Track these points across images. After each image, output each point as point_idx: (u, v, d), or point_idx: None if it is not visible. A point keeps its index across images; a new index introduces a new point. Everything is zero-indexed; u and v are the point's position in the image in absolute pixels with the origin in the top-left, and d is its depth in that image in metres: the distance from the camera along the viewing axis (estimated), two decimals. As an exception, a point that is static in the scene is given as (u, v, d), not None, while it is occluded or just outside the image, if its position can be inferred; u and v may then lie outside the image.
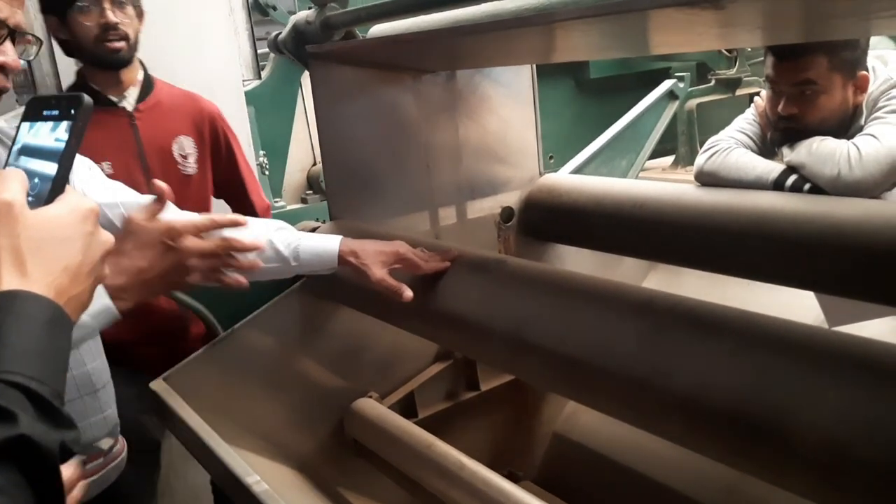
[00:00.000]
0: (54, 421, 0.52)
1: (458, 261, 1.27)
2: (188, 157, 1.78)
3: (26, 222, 0.58)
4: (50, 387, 0.53)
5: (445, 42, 1.44)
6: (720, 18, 0.95)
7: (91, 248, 0.62)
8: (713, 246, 1.48)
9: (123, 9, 1.65)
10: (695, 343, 0.86)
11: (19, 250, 0.57)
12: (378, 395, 1.66)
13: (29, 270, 0.57)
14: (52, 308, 0.57)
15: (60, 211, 0.61)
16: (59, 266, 0.59)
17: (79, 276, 0.61)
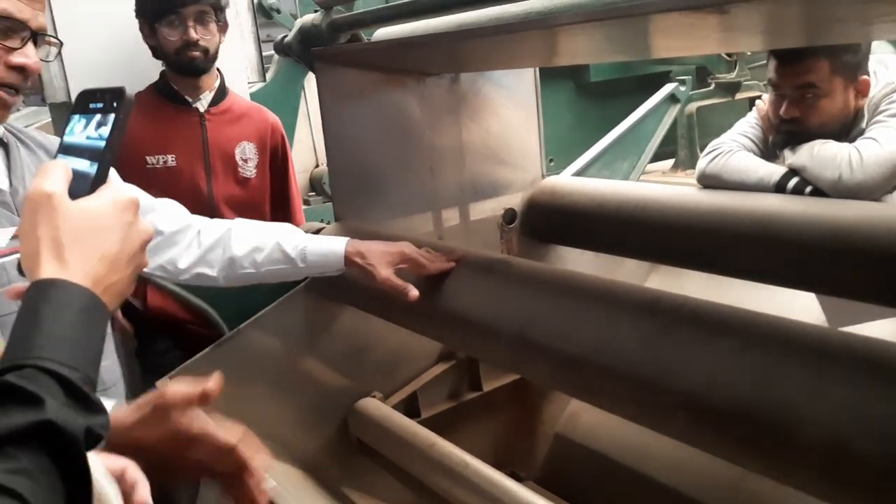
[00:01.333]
0: (84, 406, 0.53)
1: (462, 261, 1.28)
2: (248, 162, 1.89)
3: (66, 213, 0.60)
4: (82, 373, 0.54)
5: (449, 45, 1.45)
6: (723, 23, 0.97)
7: (130, 238, 0.63)
8: (715, 248, 1.49)
9: (206, 25, 1.77)
10: (699, 342, 0.87)
11: (58, 240, 0.59)
12: (381, 395, 1.67)
13: (67, 259, 0.59)
14: (88, 296, 0.58)
15: (100, 202, 0.63)
16: (97, 255, 0.60)
17: (117, 265, 0.62)
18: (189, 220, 1.27)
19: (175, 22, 1.72)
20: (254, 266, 1.27)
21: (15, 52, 1.03)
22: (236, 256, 1.26)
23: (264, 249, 1.27)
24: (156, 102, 1.82)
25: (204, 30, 1.75)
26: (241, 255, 1.26)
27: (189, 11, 1.71)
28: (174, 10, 1.71)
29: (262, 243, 1.27)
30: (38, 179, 0.62)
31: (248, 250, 1.26)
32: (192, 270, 1.26)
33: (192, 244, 1.25)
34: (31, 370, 0.52)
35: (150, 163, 1.78)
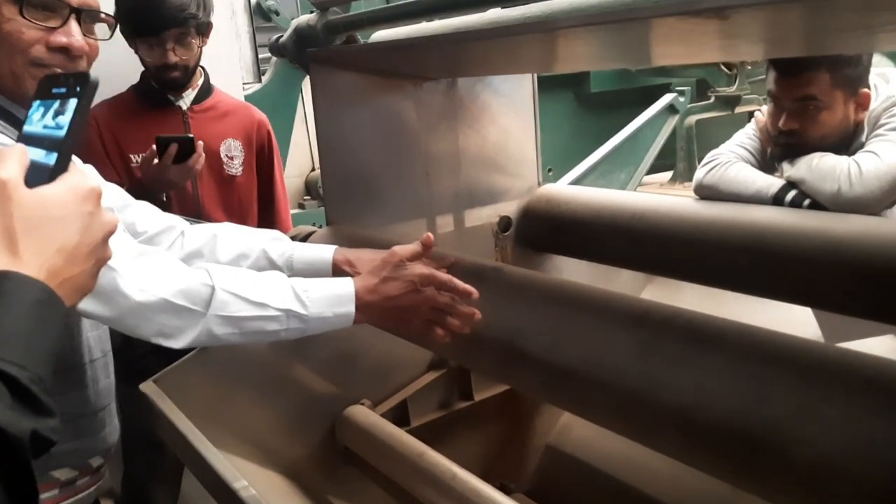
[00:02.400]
0: (32, 408, 0.50)
1: (453, 268, 1.26)
2: (234, 160, 1.86)
3: (20, 201, 0.57)
4: (30, 371, 0.51)
5: (447, 49, 1.43)
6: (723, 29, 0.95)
7: (91, 229, 0.60)
8: (711, 260, 1.47)
9: (187, 45, 1.72)
10: (691, 355, 0.85)
11: (11, 230, 0.56)
12: (370, 403, 1.64)
13: (21, 251, 0.56)
14: (41, 290, 0.55)
15: (59, 190, 0.60)
16: (54, 247, 0.57)
17: (76, 258, 0.59)
18: (171, 221, 1.24)
19: (154, 44, 1.69)
20: None
21: (56, 32, 0.98)
22: (221, 263, 1.22)
23: (250, 256, 1.24)
24: (138, 101, 1.79)
25: (184, 50, 1.72)
26: (225, 261, 1.22)
27: (169, 35, 1.67)
28: (153, 33, 1.67)
29: (248, 250, 1.24)
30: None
31: (233, 257, 1.23)
32: None
33: (174, 246, 1.22)
34: None
35: (135, 161, 1.76)
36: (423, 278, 1.08)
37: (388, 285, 1.07)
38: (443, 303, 1.06)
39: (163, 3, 1.62)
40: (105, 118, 1.75)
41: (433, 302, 1.06)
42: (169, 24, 1.64)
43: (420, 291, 1.06)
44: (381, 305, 1.07)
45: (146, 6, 1.62)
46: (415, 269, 1.14)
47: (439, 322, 1.07)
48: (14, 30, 0.97)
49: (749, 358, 0.80)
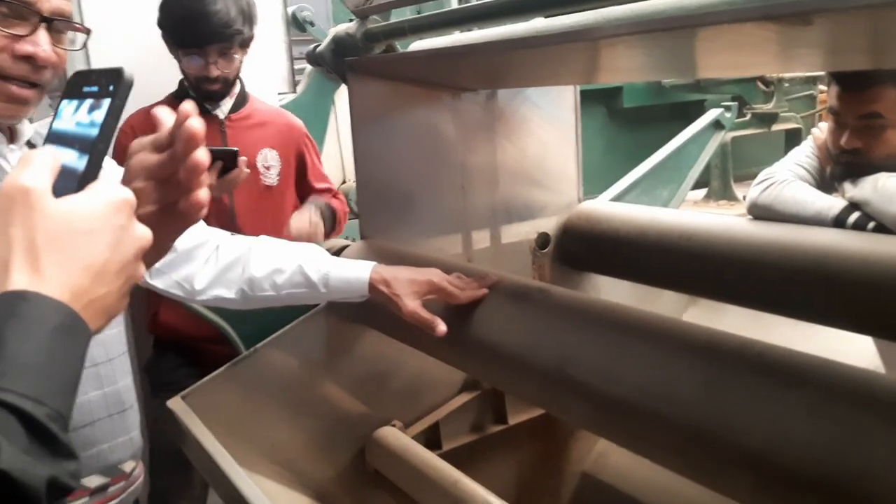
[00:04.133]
0: (50, 450, 0.44)
1: (495, 287, 1.20)
2: (270, 169, 1.83)
3: (45, 212, 0.51)
4: (48, 407, 0.45)
5: (487, 58, 1.38)
6: (790, 37, 0.88)
7: (122, 244, 0.54)
8: (764, 283, 1.40)
9: (230, 58, 1.70)
10: (766, 392, 0.78)
11: (34, 244, 0.50)
12: (401, 425, 1.58)
13: (43, 268, 0.49)
14: (64, 313, 0.49)
15: (88, 200, 0.54)
16: (80, 264, 0.51)
17: (103, 276, 0.53)
18: (207, 235, 1.20)
19: (196, 56, 1.66)
20: (273, 288, 1.19)
21: (22, 40, 0.92)
22: (255, 277, 1.18)
23: (285, 272, 1.19)
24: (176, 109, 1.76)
25: (226, 63, 1.69)
26: (260, 276, 1.18)
27: (213, 48, 1.65)
28: (198, 45, 1.64)
29: (284, 265, 1.19)
30: (17, 170, 0.53)
31: (268, 271, 1.18)
32: (209, 292, 1.18)
33: (209, 260, 1.18)
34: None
35: None
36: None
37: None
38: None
39: (210, 18, 1.59)
40: (142, 126, 1.72)
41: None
42: (214, 39, 1.62)
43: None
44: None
45: (193, 19, 1.60)
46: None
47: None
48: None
49: (834, 397, 0.73)
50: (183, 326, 1.72)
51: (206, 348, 1.71)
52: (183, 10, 1.60)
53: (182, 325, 1.71)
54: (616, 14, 1.21)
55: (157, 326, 1.76)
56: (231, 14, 1.61)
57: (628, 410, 0.89)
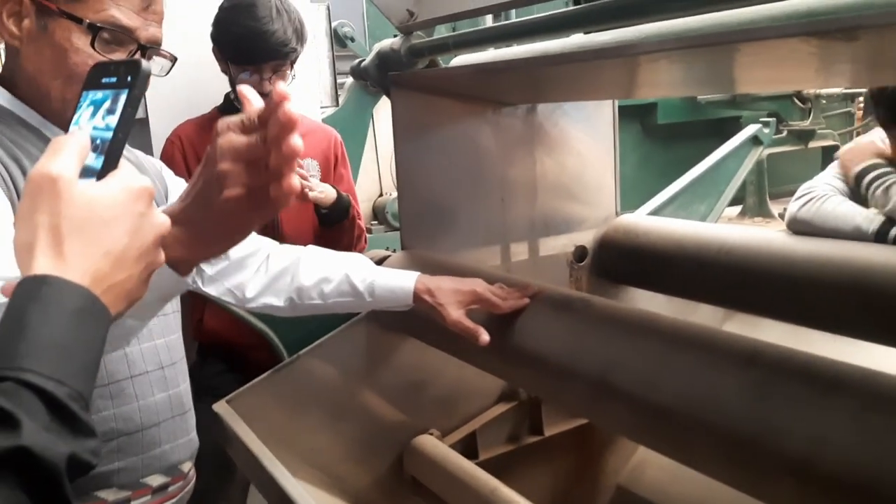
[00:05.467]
0: (70, 428, 0.46)
1: (537, 297, 1.22)
2: (311, 179, 1.83)
3: (70, 200, 0.53)
4: (69, 387, 0.47)
5: (528, 73, 1.41)
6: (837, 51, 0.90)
7: (141, 231, 0.56)
8: (804, 298, 1.40)
9: (282, 75, 1.72)
10: (811, 401, 0.79)
11: (58, 230, 0.52)
12: (439, 433, 1.60)
13: (65, 253, 0.52)
14: (84, 297, 0.51)
15: (109, 188, 0.55)
16: (101, 250, 0.53)
17: (123, 262, 0.55)
18: (258, 244, 1.24)
19: (251, 72, 1.69)
20: (321, 297, 1.22)
21: None
22: (304, 286, 1.22)
23: (332, 281, 1.22)
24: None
25: (278, 78, 1.72)
26: (308, 285, 1.22)
27: (268, 66, 1.69)
28: (253, 63, 1.69)
29: (331, 274, 1.23)
30: (46, 157, 0.54)
31: (315, 280, 1.22)
32: (259, 300, 1.22)
33: (260, 269, 1.22)
34: (11, 384, 0.45)
35: None
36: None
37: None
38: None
39: (268, 38, 1.63)
40: (189, 137, 1.77)
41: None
42: (270, 57, 1.65)
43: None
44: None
45: (251, 37, 1.64)
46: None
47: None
48: (80, 61, 0.96)
49: (878, 406, 0.74)
50: (227, 332, 1.76)
51: (248, 354, 1.75)
52: (241, 28, 1.64)
53: (226, 331, 1.75)
54: (654, 30, 1.23)
55: (202, 332, 1.81)
56: (287, 34, 1.65)
57: (671, 418, 0.91)
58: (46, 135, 1.01)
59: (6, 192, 0.92)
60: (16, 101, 1.00)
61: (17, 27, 0.97)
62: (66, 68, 0.97)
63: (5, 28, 0.97)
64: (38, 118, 1.01)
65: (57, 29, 0.96)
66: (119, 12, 0.96)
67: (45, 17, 0.96)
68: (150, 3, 1.00)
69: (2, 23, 0.97)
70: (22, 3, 0.96)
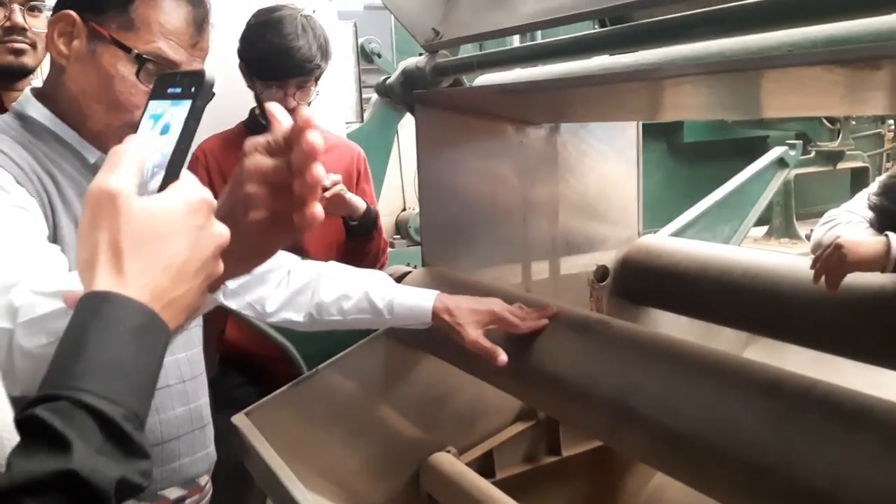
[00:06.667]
0: (123, 450, 0.46)
1: (556, 318, 1.22)
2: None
3: (130, 215, 0.53)
4: (124, 407, 0.47)
5: (552, 93, 1.41)
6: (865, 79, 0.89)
7: (200, 244, 0.56)
8: (828, 324, 1.38)
9: (306, 91, 1.73)
10: (832, 434, 0.77)
11: (118, 246, 0.52)
12: (456, 451, 1.60)
13: (126, 269, 0.51)
14: (144, 314, 0.51)
15: (169, 202, 0.55)
16: (160, 265, 0.53)
17: (183, 276, 0.54)
18: (280, 259, 1.25)
19: (275, 87, 1.71)
20: (340, 313, 1.23)
21: None
22: (324, 302, 1.23)
23: (352, 298, 1.23)
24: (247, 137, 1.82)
25: (303, 95, 1.74)
26: (328, 301, 1.23)
27: (293, 82, 1.70)
28: (279, 78, 1.71)
29: (351, 291, 1.23)
30: (105, 170, 0.54)
31: (335, 297, 1.23)
32: (279, 314, 1.23)
33: (281, 284, 1.23)
34: (66, 403, 0.45)
35: None
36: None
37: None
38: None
39: (294, 54, 1.66)
40: (214, 152, 1.79)
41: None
42: (295, 73, 1.67)
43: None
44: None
45: (276, 54, 1.66)
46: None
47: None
48: (124, 89, 0.98)
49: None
50: (248, 345, 1.77)
51: (269, 367, 1.76)
52: (267, 44, 1.67)
53: (247, 343, 1.77)
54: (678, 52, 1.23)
55: (223, 344, 1.82)
56: (312, 50, 1.67)
57: (689, 445, 0.90)
58: (82, 153, 1.02)
59: (40, 205, 0.94)
60: (54, 118, 1.02)
61: (67, 47, 0.99)
62: (109, 94, 0.98)
63: (54, 46, 0.99)
64: (75, 136, 1.02)
65: (105, 54, 0.97)
66: (167, 46, 0.98)
67: (95, 41, 0.98)
68: (199, 40, 1.02)
69: (52, 41, 0.99)
70: (75, 24, 0.98)
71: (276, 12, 1.70)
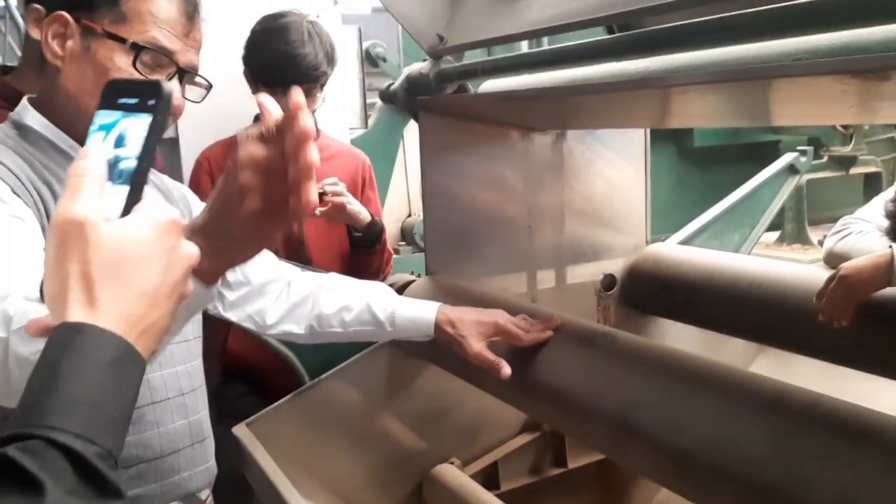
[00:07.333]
0: (96, 490, 0.44)
1: (560, 330, 1.19)
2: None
3: (99, 244, 0.50)
4: (99, 446, 0.45)
5: (558, 101, 1.39)
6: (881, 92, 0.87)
7: (172, 267, 0.54)
8: (838, 335, 1.35)
9: (312, 98, 1.72)
10: (836, 451, 0.75)
11: (89, 277, 0.50)
12: (460, 462, 1.58)
13: (98, 299, 0.49)
14: (119, 346, 0.49)
15: (139, 226, 0.53)
16: (135, 292, 0.51)
17: (157, 301, 0.53)
18: (280, 272, 1.24)
19: (280, 93, 1.70)
20: (341, 325, 1.22)
21: None
22: (324, 314, 1.21)
23: (353, 309, 1.21)
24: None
25: (309, 102, 1.73)
26: (329, 313, 1.21)
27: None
28: (284, 85, 1.69)
29: (352, 303, 1.22)
30: (69, 199, 0.51)
31: (336, 309, 1.21)
32: (279, 326, 1.21)
33: (281, 296, 1.21)
34: (39, 443, 0.43)
35: None
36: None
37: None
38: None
39: (300, 62, 1.65)
40: (217, 159, 1.78)
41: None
42: (301, 81, 1.66)
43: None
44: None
45: (282, 61, 1.65)
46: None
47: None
48: None
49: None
50: (250, 355, 1.75)
51: (271, 377, 1.74)
52: (272, 52, 1.66)
53: (249, 353, 1.75)
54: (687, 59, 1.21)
55: (226, 354, 1.81)
56: (319, 57, 1.66)
57: (693, 462, 0.88)
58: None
59: (37, 215, 0.93)
60: (50, 126, 1.01)
61: (61, 47, 0.99)
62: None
63: (49, 48, 0.99)
64: (69, 142, 1.02)
65: (100, 49, 0.98)
66: (161, 34, 0.99)
67: (89, 37, 0.98)
68: (191, 29, 1.03)
69: (46, 42, 0.99)
70: (67, 24, 0.98)
71: (281, 19, 1.69)
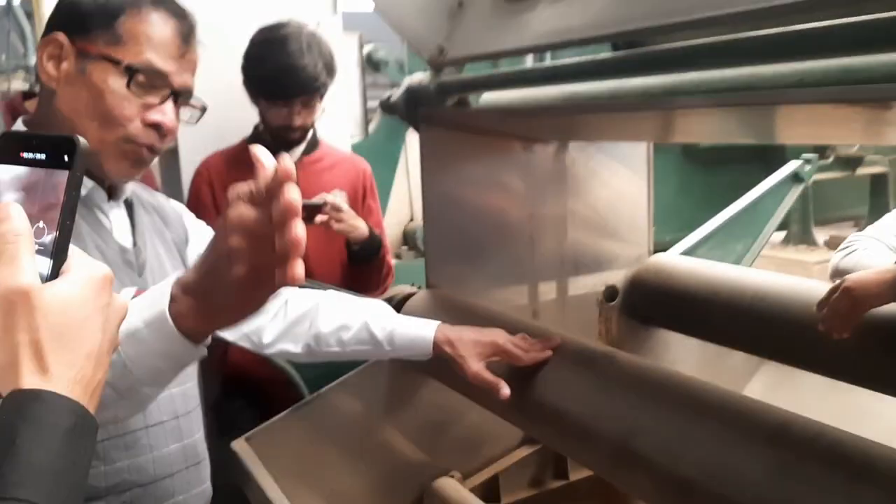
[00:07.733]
0: None
1: (560, 350, 1.18)
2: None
3: (45, 310, 0.50)
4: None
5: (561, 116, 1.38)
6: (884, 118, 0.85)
7: (109, 322, 0.54)
8: (843, 351, 1.33)
9: (312, 108, 1.73)
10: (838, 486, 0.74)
11: (39, 344, 0.49)
12: (460, 475, 1.57)
13: (50, 365, 0.49)
14: (75, 413, 0.49)
15: (78, 287, 0.52)
16: (82, 354, 0.51)
17: (101, 359, 0.53)
18: None
19: (280, 105, 1.70)
20: (339, 344, 1.21)
21: (152, 109, 1.00)
22: (322, 333, 1.20)
23: (351, 328, 1.20)
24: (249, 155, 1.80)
25: (308, 113, 1.73)
26: (327, 331, 1.20)
27: (298, 100, 1.69)
28: (284, 97, 1.69)
29: (350, 321, 1.21)
30: (6, 267, 0.50)
31: (334, 328, 1.20)
32: (276, 345, 1.20)
33: (278, 314, 1.20)
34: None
35: None
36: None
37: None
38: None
39: (298, 73, 1.64)
40: (217, 170, 1.78)
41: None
42: (301, 92, 1.66)
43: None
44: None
45: (281, 72, 1.65)
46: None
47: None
48: (116, 103, 0.98)
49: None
50: (250, 368, 1.75)
51: (270, 390, 1.74)
52: (272, 63, 1.65)
53: (249, 366, 1.75)
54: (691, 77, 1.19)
55: (225, 368, 1.81)
56: (318, 68, 1.66)
57: (692, 491, 0.87)
58: None
59: None
60: None
61: (56, 69, 1.00)
62: (101, 109, 0.99)
63: (44, 70, 1.00)
64: None
65: (95, 71, 0.98)
66: (156, 56, 0.99)
67: (84, 60, 0.99)
68: (186, 51, 1.03)
69: (41, 65, 1.00)
70: (62, 46, 0.99)
71: (280, 30, 1.68)
